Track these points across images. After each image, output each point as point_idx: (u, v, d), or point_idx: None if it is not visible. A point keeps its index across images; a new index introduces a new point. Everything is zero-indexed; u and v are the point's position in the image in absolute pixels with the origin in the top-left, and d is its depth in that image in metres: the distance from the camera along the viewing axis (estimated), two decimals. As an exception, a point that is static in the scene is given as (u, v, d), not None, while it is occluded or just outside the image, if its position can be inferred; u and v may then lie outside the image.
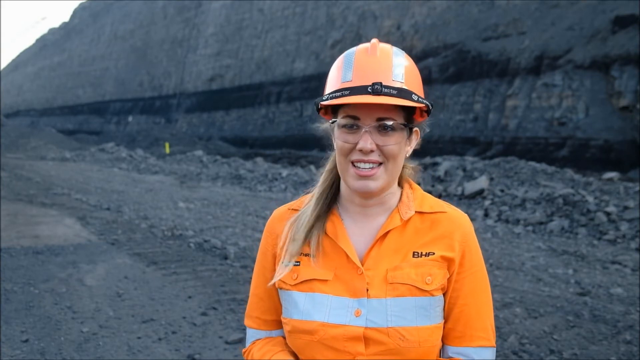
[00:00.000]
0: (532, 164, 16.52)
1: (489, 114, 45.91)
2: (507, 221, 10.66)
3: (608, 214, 9.85)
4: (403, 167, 1.26)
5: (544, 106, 41.74)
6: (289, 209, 1.30)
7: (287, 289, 1.20)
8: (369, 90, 1.09)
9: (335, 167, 1.25)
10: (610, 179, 16.74)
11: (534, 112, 41.99)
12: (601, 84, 39.07)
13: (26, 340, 4.16)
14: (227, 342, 4.25)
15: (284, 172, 19.38)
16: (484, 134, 44.82)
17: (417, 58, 50.88)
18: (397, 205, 1.23)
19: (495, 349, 1.21)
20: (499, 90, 46.30)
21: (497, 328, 4.71)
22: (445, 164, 16.29)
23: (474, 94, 47.97)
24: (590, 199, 10.74)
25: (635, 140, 34.17)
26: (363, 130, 1.13)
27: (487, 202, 11.98)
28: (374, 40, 1.18)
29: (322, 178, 1.28)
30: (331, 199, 1.27)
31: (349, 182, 1.17)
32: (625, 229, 9.15)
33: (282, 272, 1.21)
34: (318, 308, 1.15)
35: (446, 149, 38.85)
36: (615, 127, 35.94)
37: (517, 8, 49.75)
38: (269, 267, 1.28)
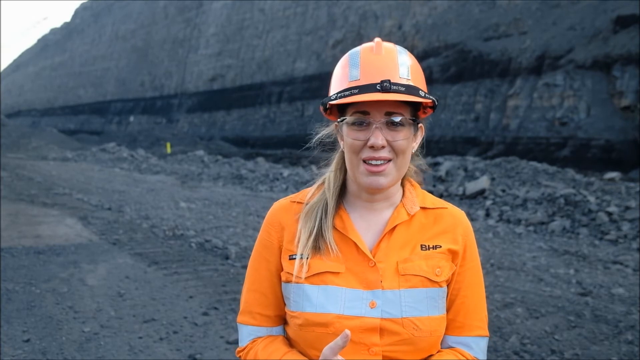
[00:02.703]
0: (534, 164, 16.52)
1: (490, 114, 45.89)
2: (508, 221, 10.65)
3: (609, 214, 9.84)
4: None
5: (545, 106, 41.72)
6: (291, 202, 1.31)
7: (298, 283, 1.20)
8: (378, 87, 1.11)
9: (341, 166, 1.28)
10: (612, 179, 16.74)
11: (535, 112, 41.97)
12: (602, 84, 39.04)
13: (27, 340, 4.16)
14: (228, 342, 4.25)
15: (285, 172, 19.39)
16: (485, 134, 44.81)
17: (419, 58, 50.53)
18: (401, 201, 1.26)
19: (488, 337, 1.27)
20: (500, 90, 46.29)
21: (499, 328, 4.71)
22: (447, 164, 16.29)
23: (475, 94, 47.95)
24: (591, 199, 10.72)
25: (636, 140, 34.14)
26: (374, 126, 1.15)
27: (488, 202, 11.97)
28: (378, 39, 1.20)
29: (332, 179, 1.29)
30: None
31: (360, 179, 1.19)
32: (626, 229, 9.14)
33: (293, 265, 1.21)
34: (332, 300, 1.16)
35: (447, 149, 38.89)
36: (617, 127, 35.92)
37: (518, 8, 49.72)
38: (274, 260, 1.27)
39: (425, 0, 59.14)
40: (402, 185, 1.30)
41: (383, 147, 1.15)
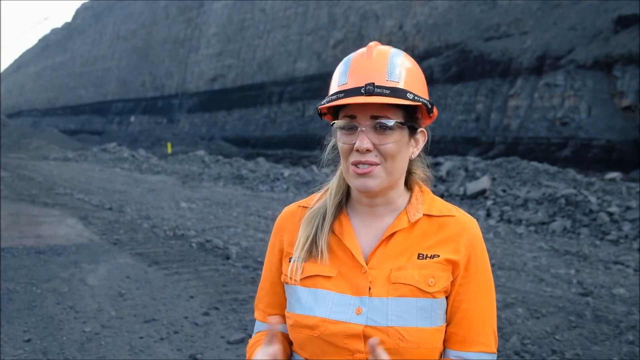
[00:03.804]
0: (534, 164, 16.52)
1: (491, 114, 45.86)
2: (509, 221, 10.65)
3: (610, 214, 9.83)
4: (414, 172, 1.27)
5: (546, 106, 41.69)
6: (299, 206, 1.33)
7: (292, 284, 1.22)
8: (362, 91, 1.11)
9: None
10: (613, 179, 16.74)
11: (536, 112, 41.95)
12: (603, 84, 39.01)
13: (28, 340, 4.16)
14: (229, 342, 4.25)
15: (286, 172, 19.38)
16: (486, 134, 44.79)
17: (419, 58, 50.88)
18: (405, 207, 1.24)
19: (495, 355, 1.21)
20: (501, 90, 46.26)
21: (499, 328, 4.70)
22: (447, 164, 16.28)
23: (476, 94, 47.93)
24: (592, 199, 10.72)
25: (637, 141, 34.11)
26: (359, 130, 1.14)
27: (489, 202, 11.97)
28: (372, 43, 1.19)
29: (334, 184, 1.29)
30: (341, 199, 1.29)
31: (350, 182, 1.19)
32: (627, 229, 9.14)
33: (289, 267, 1.24)
34: (320, 304, 1.17)
35: (448, 149, 38.85)
36: (618, 127, 35.89)
37: (519, 8, 49.69)
38: (275, 262, 1.32)
39: (426, 0, 59.12)
40: (411, 190, 1.28)
41: (368, 150, 1.13)
